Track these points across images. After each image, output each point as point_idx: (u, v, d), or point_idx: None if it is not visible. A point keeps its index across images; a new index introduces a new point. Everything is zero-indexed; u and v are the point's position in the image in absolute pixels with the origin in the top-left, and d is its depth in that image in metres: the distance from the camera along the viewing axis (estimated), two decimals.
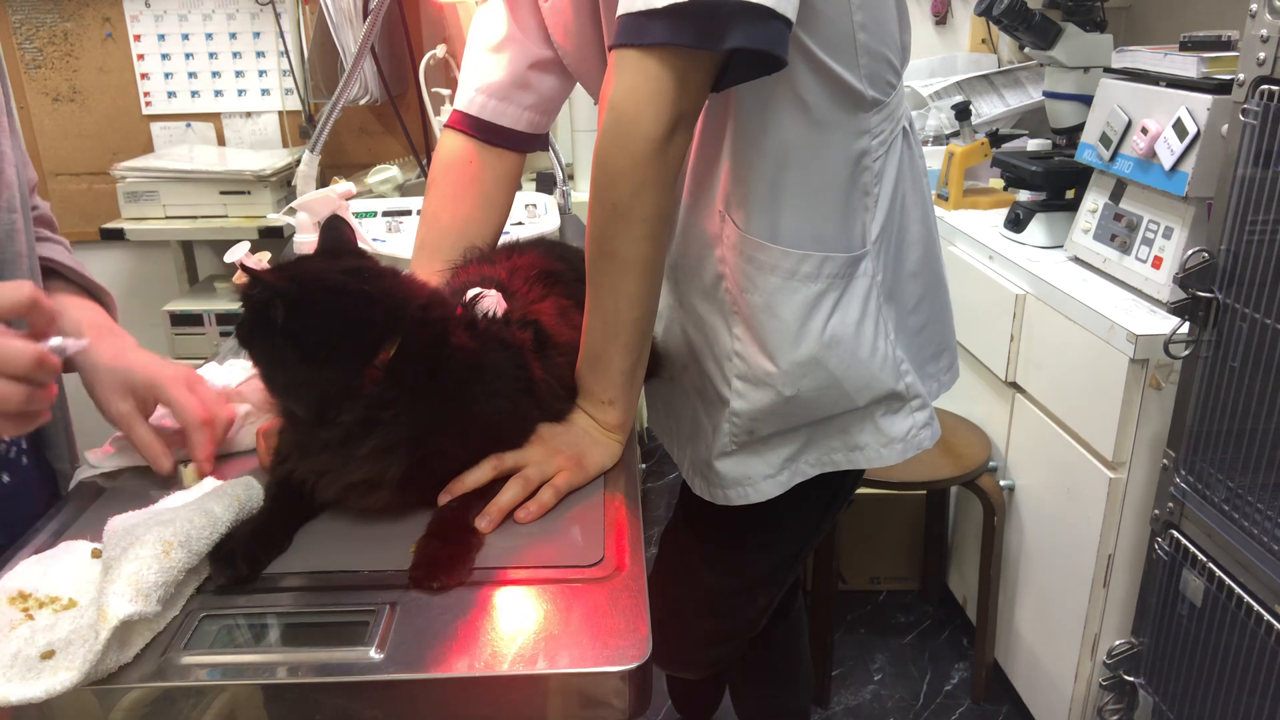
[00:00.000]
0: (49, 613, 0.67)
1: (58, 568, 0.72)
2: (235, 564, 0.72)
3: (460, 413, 0.81)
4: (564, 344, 0.94)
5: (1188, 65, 1.47)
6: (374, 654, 0.65)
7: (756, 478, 1.05)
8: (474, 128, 1.13)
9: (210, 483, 0.82)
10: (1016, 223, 1.89)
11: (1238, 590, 1.25)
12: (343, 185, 1.49)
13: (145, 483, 0.89)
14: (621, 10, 0.81)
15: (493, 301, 0.89)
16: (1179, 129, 1.46)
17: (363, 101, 2.47)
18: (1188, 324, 1.32)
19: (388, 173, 2.23)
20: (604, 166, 0.85)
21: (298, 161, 1.76)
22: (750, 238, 0.96)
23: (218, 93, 2.71)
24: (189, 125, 2.73)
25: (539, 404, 0.89)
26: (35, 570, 0.72)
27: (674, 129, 0.83)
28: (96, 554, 0.73)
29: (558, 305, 0.97)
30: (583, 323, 0.93)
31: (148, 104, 2.70)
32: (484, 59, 1.12)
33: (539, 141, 1.18)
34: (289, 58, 2.64)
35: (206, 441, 0.86)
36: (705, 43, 0.80)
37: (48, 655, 0.62)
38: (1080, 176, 1.79)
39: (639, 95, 0.81)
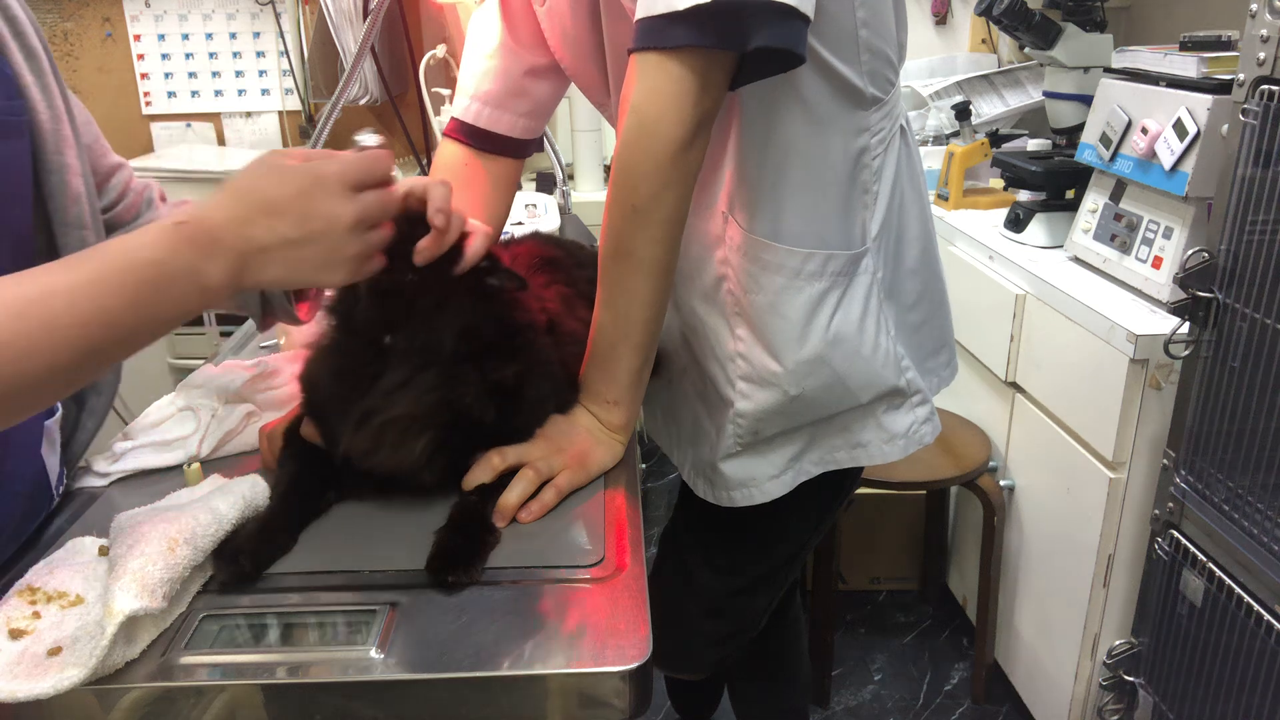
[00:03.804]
0: (56, 609, 0.67)
1: (65, 564, 0.72)
2: (239, 561, 0.72)
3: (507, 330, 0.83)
4: (567, 333, 0.94)
5: (1188, 65, 1.47)
6: (374, 654, 0.65)
7: (761, 478, 1.05)
8: (471, 136, 1.13)
9: (215, 480, 0.82)
10: (1016, 223, 1.89)
11: (1238, 590, 1.25)
12: (372, 137, 1.48)
13: (150, 481, 0.89)
14: (641, 14, 0.82)
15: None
16: (1179, 129, 1.46)
17: (363, 101, 2.47)
18: (1188, 324, 1.32)
19: None
20: (626, 168, 0.85)
21: None
22: (755, 238, 0.96)
23: (218, 93, 2.71)
24: (189, 125, 2.73)
25: (561, 354, 0.91)
26: (43, 566, 0.72)
27: (696, 130, 0.84)
28: (103, 551, 0.74)
29: (560, 294, 0.98)
30: (586, 314, 0.93)
31: (148, 104, 2.70)
32: (480, 66, 1.12)
33: (534, 145, 1.18)
34: (289, 58, 2.64)
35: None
36: (728, 43, 0.80)
37: (55, 652, 0.63)
38: (1080, 176, 1.79)
39: (662, 97, 0.82)
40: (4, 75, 0.78)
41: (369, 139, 0.91)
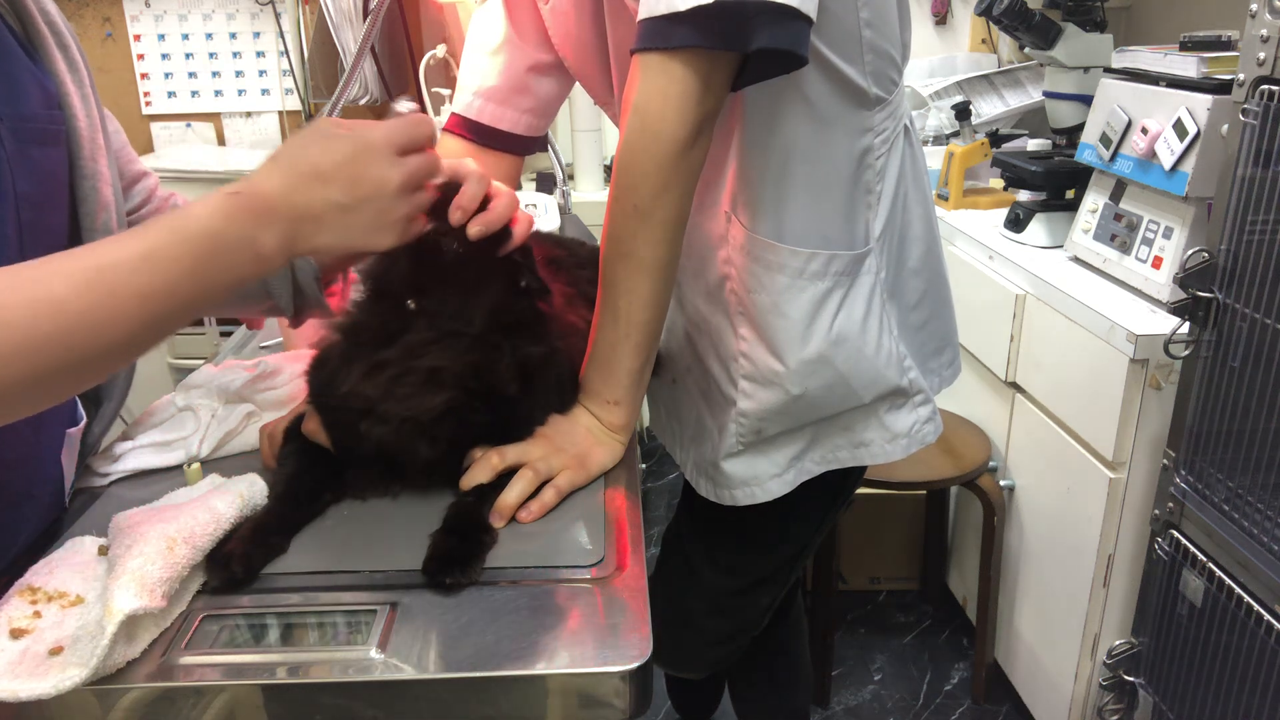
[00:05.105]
0: (56, 608, 0.67)
1: (65, 564, 0.72)
2: (230, 567, 0.72)
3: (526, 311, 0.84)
4: (567, 327, 0.94)
5: (1188, 65, 1.47)
6: (374, 654, 0.65)
7: (763, 477, 1.05)
8: (472, 131, 1.13)
9: (214, 480, 0.82)
10: (1016, 223, 1.89)
11: (1238, 590, 1.25)
12: (406, 104, 1.48)
13: (150, 481, 0.89)
14: (643, 14, 0.82)
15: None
16: (1179, 129, 1.46)
17: (363, 101, 2.47)
18: (1188, 324, 1.32)
19: None
20: (628, 169, 0.85)
21: None
22: (758, 237, 0.96)
23: (218, 93, 2.71)
24: (189, 125, 2.73)
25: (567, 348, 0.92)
26: (43, 566, 0.72)
27: (698, 130, 0.84)
28: (103, 551, 0.74)
29: (563, 294, 0.97)
30: (586, 314, 0.93)
31: (148, 104, 2.70)
32: (482, 62, 1.12)
33: (537, 143, 1.18)
34: (289, 58, 2.64)
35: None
36: (730, 44, 0.80)
37: (56, 651, 0.63)
38: (1080, 176, 1.79)
39: (664, 98, 0.82)
40: (45, 87, 0.80)
41: (406, 105, 0.93)
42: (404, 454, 0.81)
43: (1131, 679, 1.48)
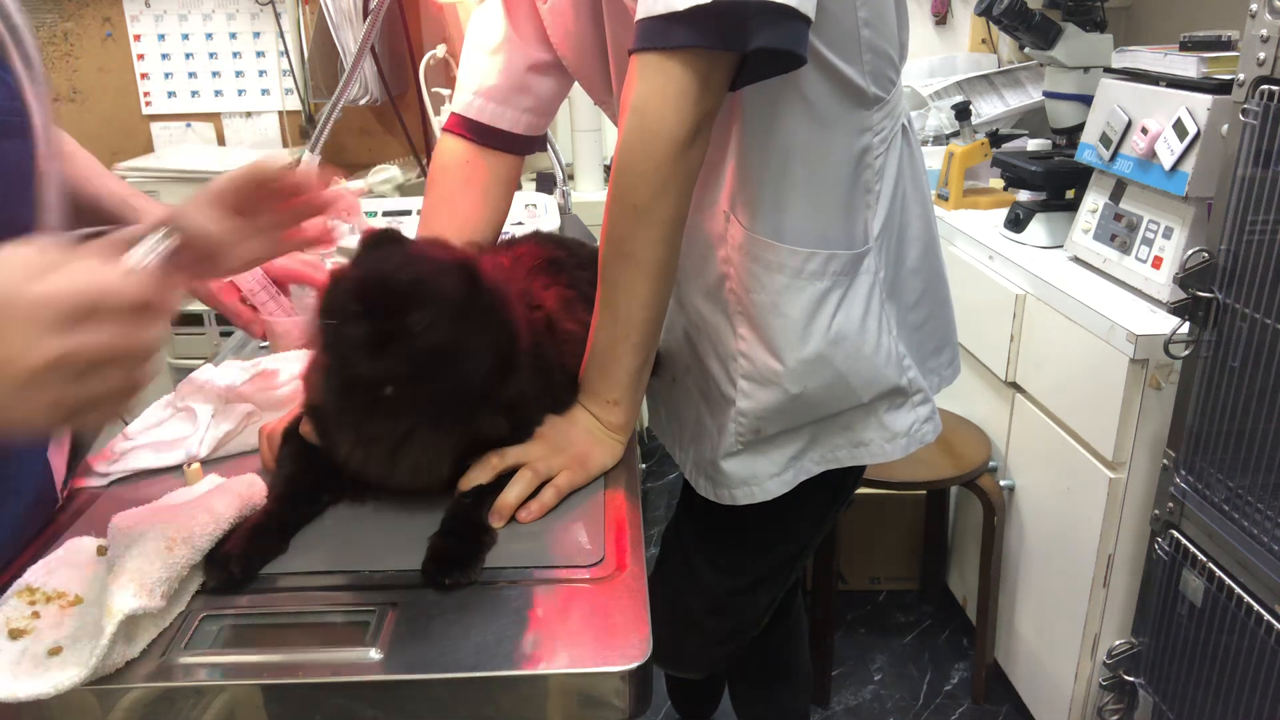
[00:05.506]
0: (55, 609, 0.67)
1: (64, 564, 0.72)
2: (228, 568, 0.72)
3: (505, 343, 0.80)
4: (565, 333, 0.94)
5: (1188, 65, 1.47)
6: (374, 654, 0.65)
7: (762, 477, 1.05)
8: (471, 131, 1.13)
9: (213, 480, 0.82)
10: (1016, 223, 1.89)
11: (1238, 590, 1.25)
12: (355, 183, 1.49)
13: (150, 481, 0.89)
14: (641, 14, 0.82)
15: None
16: (1179, 129, 1.46)
17: (363, 101, 2.47)
18: (1188, 324, 1.32)
19: (388, 173, 2.23)
20: (626, 168, 0.85)
21: (298, 162, 1.76)
22: (756, 237, 0.96)
23: (218, 93, 2.71)
24: (189, 125, 2.73)
25: (560, 363, 0.91)
26: (41, 566, 0.72)
27: (697, 130, 0.84)
28: (101, 551, 0.74)
29: (562, 296, 0.97)
30: (585, 317, 0.93)
31: (148, 104, 2.70)
32: (481, 62, 1.12)
33: (537, 143, 1.18)
34: (289, 58, 2.64)
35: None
36: (729, 44, 0.81)
37: (55, 652, 0.63)
38: (1080, 176, 1.79)
39: (663, 98, 0.82)
40: (4, 81, 0.77)
41: (143, 249, 0.64)
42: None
43: (1131, 679, 1.48)
